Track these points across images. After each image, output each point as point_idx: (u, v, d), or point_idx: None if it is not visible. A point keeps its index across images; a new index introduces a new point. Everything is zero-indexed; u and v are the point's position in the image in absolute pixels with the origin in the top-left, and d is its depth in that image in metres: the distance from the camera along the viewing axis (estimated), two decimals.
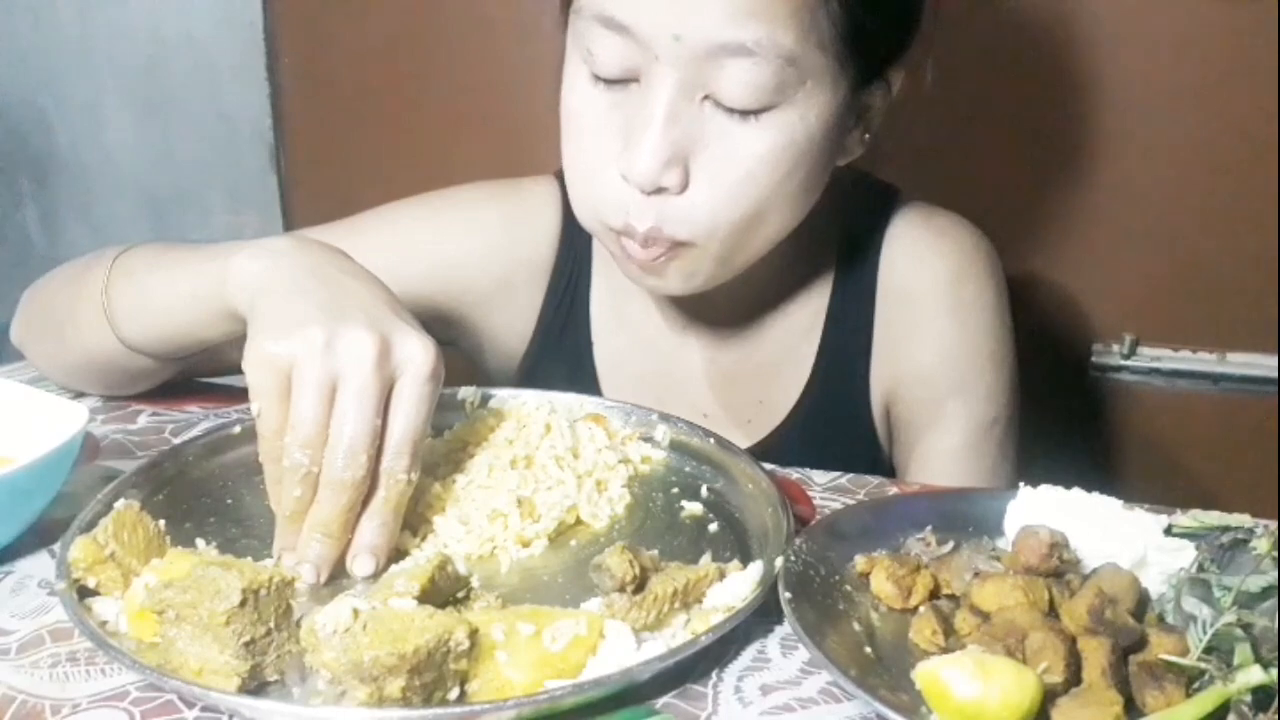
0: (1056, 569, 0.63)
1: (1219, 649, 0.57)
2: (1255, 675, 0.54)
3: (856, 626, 0.63)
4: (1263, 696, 0.54)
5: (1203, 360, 1.26)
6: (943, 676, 0.54)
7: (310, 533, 0.66)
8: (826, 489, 0.82)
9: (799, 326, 0.97)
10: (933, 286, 0.93)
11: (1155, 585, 0.65)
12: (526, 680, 0.57)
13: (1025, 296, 1.30)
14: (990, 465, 0.94)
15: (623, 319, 0.99)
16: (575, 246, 0.98)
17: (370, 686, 0.54)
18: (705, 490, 0.79)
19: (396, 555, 0.69)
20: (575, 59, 0.81)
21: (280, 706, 0.56)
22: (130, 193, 1.72)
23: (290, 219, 1.60)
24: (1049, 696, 0.55)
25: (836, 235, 0.95)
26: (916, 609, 0.64)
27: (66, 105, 1.70)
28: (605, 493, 0.78)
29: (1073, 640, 0.57)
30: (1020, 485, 0.71)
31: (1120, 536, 0.66)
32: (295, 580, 0.61)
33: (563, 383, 0.95)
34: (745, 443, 0.93)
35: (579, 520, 0.75)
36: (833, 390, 0.96)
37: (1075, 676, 0.56)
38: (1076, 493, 0.70)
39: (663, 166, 0.76)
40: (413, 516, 0.71)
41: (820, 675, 0.61)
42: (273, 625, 0.58)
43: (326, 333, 0.65)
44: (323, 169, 1.55)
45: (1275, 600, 0.59)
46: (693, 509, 0.77)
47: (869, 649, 0.61)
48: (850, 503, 0.79)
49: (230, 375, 0.95)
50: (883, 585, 0.65)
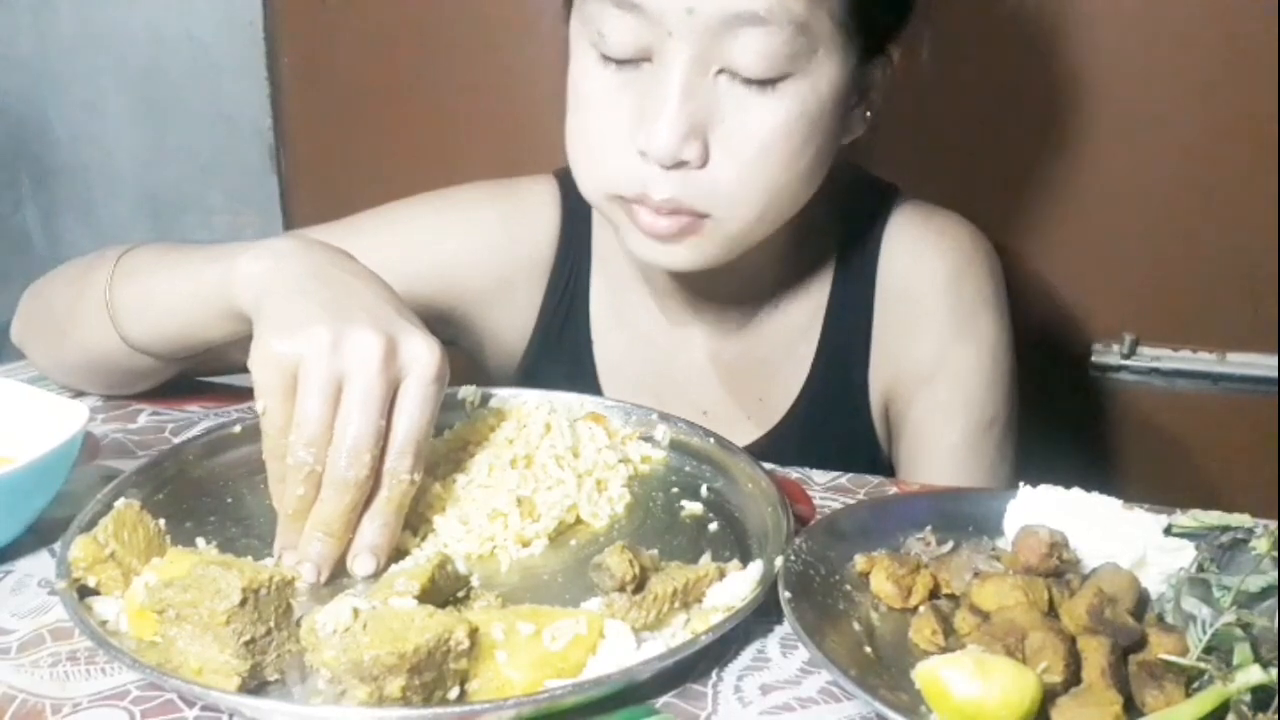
0: (1056, 569, 0.64)
1: (1218, 649, 0.57)
2: (1255, 675, 0.54)
3: (856, 626, 0.63)
4: (1262, 696, 0.54)
5: (1203, 360, 1.26)
6: (942, 676, 0.54)
7: (312, 531, 0.67)
8: (826, 489, 0.83)
9: (798, 323, 0.97)
10: (932, 285, 0.93)
11: (1155, 585, 0.65)
12: (526, 679, 0.57)
13: (1025, 296, 1.30)
14: (989, 464, 0.95)
15: (622, 317, 0.99)
16: (575, 245, 0.98)
17: (370, 686, 0.54)
18: (705, 490, 0.79)
19: (397, 554, 0.70)
20: (583, 43, 0.81)
21: (280, 706, 0.56)
22: (130, 192, 1.72)
23: (290, 219, 1.60)
24: (1049, 696, 0.55)
25: (835, 232, 0.96)
26: (916, 609, 0.64)
27: (67, 105, 1.70)
28: (605, 492, 0.78)
29: (1072, 640, 0.57)
30: (1020, 485, 0.71)
31: (1120, 536, 0.66)
32: (295, 579, 0.61)
33: (563, 381, 0.95)
34: (745, 440, 0.94)
35: (579, 520, 0.75)
36: (832, 387, 0.96)
37: (1075, 676, 0.56)
38: (1076, 492, 0.70)
39: (681, 140, 0.77)
40: (413, 516, 0.71)
41: (820, 675, 0.61)
42: (273, 624, 0.58)
43: (333, 333, 0.65)
44: (323, 169, 1.55)
45: (1275, 600, 0.59)
46: (693, 508, 0.77)
47: (869, 648, 0.61)
48: (850, 502, 0.79)
49: (230, 374, 0.95)
50: (882, 585, 0.65)
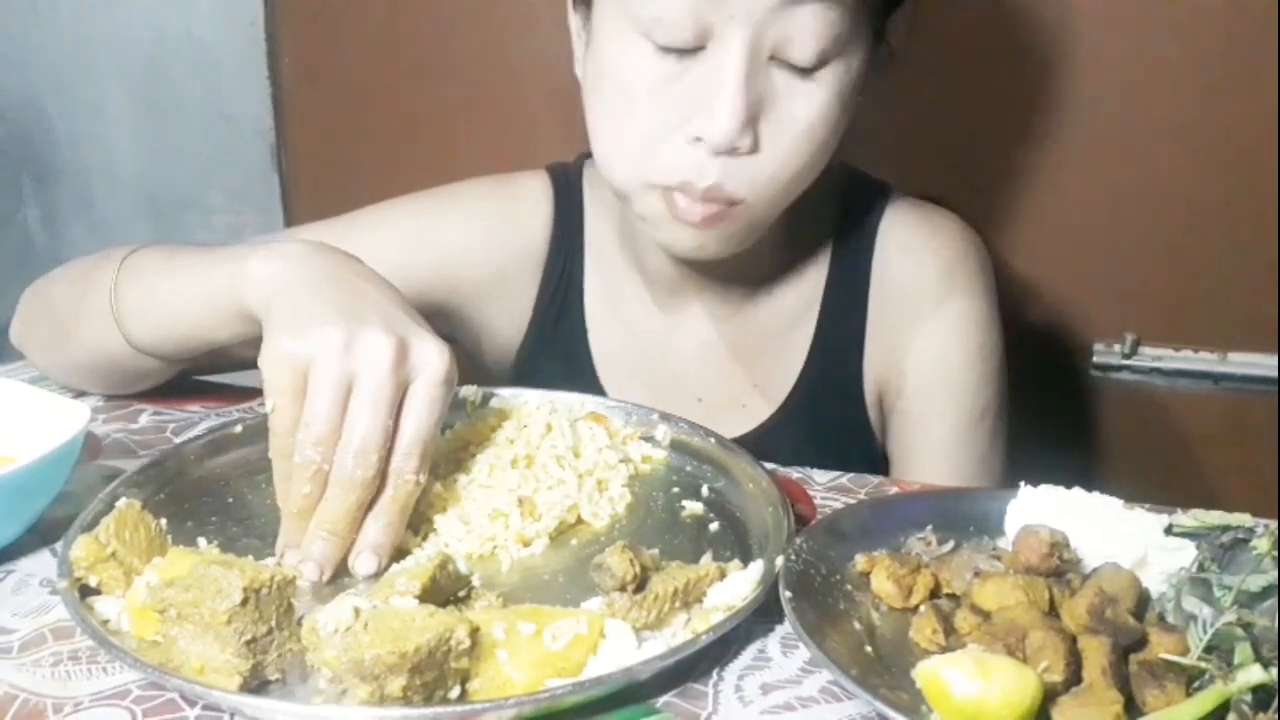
0: (1057, 568, 0.64)
1: (1219, 648, 0.57)
2: (1255, 674, 0.54)
3: (857, 626, 0.63)
4: (1263, 696, 0.54)
5: (1204, 360, 1.26)
6: (943, 675, 0.54)
7: (316, 530, 0.67)
8: (827, 488, 0.83)
9: (793, 311, 0.98)
10: (925, 281, 0.94)
11: (1156, 585, 0.65)
12: (527, 679, 0.57)
13: (1026, 296, 1.30)
14: (980, 455, 0.96)
15: (616, 307, 1.00)
16: (568, 237, 0.99)
17: (371, 685, 0.54)
18: (706, 489, 0.79)
19: (398, 554, 0.70)
20: (629, 34, 0.80)
21: (282, 705, 0.56)
22: (131, 192, 1.72)
23: (292, 219, 1.60)
24: (1049, 696, 0.55)
25: (830, 221, 0.97)
26: (917, 608, 0.64)
27: (67, 105, 1.70)
28: (606, 492, 0.78)
29: (1073, 639, 0.57)
30: (1021, 485, 0.72)
31: (1121, 536, 0.66)
32: (296, 579, 0.61)
33: (559, 372, 0.97)
34: (741, 428, 0.96)
35: (580, 519, 0.76)
36: (828, 376, 0.97)
37: (1075, 676, 0.56)
38: (1077, 492, 0.70)
39: (741, 127, 0.78)
40: (414, 516, 0.71)
41: (821, 674, 0.61)
42: (274, 624, 0.58)
43: (345, 334, 0.66)
44: (324, 168, 1.55)
45: (1275, 600, 0.59)
46: (693, 508, 0.77)
47: (869, 648, 0.61)
48: (851, 502, 0.79)
49: (230, 372, 0.95)
50: (883, 584, 0.65)
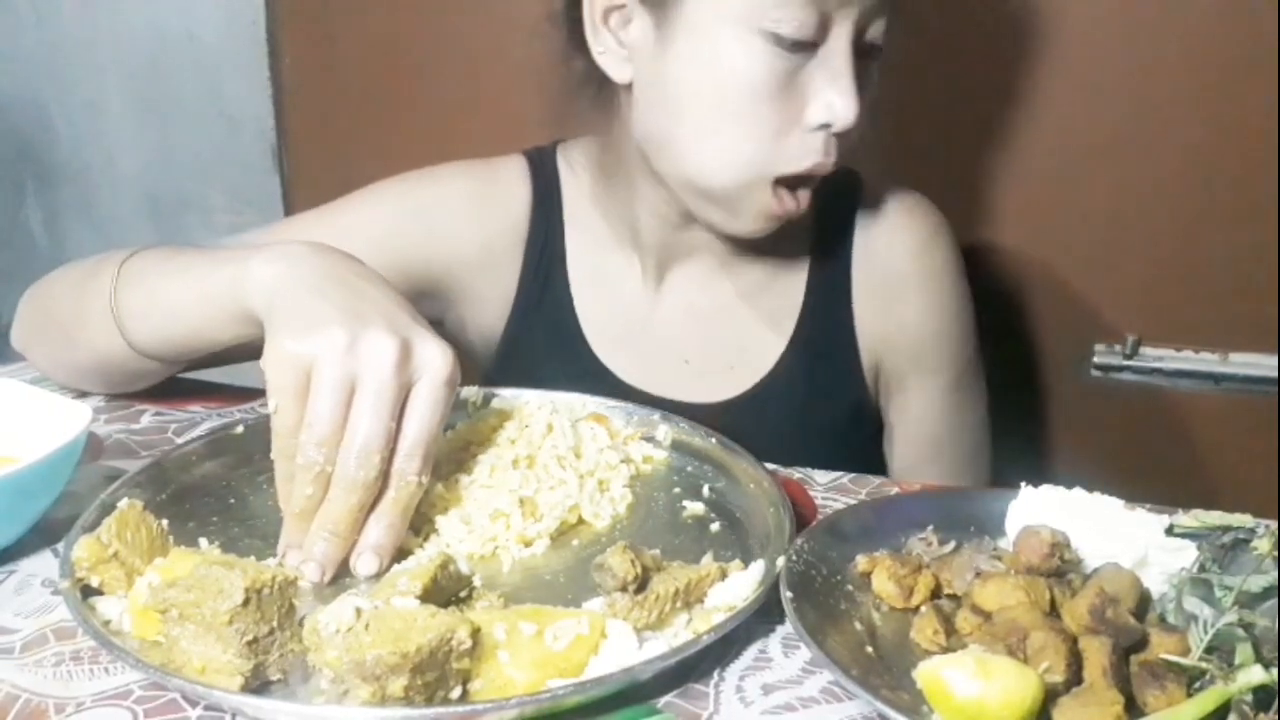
0: (1058, 569, 0.64)
1: (1220, 649, 0.57)
2: (1256, 675, 0.54)
3: (858, 626, 0.63)
4: (1263, 696, 0.54)
5: (1205, 360, 1.26)
6: (944, 676, 0.54)
7: (318, 531, 0.67)
8: (828, 488, 0.83)
9: (779, 276, 1.00)
10: (908, 257, 1.00)
11: (1156, 585, 0.65)
12: (528, 679, 0.57)
13: (1026, 296, 1.30)
14: (974, 396, 1.06)
15: (601, 276, 1.02)
16: (547, 213, 1.02)
17: (373, 685, 0.54)
18: (707, 490, 0.80)
19: (399, 555, 0.70)
20: (739, 34, 0.82)
21: (283, 705, 0.56)
22: (132, 192, 1.72)
23: None
24: (1050, 696, 0.55)
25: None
26: (918, 608, 0.64)
27: (69, 105, 1.70)
28: (607, 492, 0.78)
29: (1074, 640, 0.57)
30: (1021, 485, 0.72)
31: (1121, 536, 0.66)
32: (298, 579, 0.61)
33: (548, 342, 1.00)
34: (730, 390, 0.99)
35: (581, 520, 0.76)
36: (819, 342, 1.00)
37: (1076, 676, 0.56)
38: (1078, 492, 0.70)
39: (859, 110, 0.83)
40: (415, 516, 0.71)
41: (821, 675, 0.61)
42: (275, 624, 0.58)
43: (349, 334, 0.66)
44: (325, 169, 1.55)
45: (1276, 600, 0.59)
46: (694, 508, 0.77)
47: (870, 648, 0.61)
48: (851, 502, 0.79)
49: (227, 365, 0.94)
50: (884, 585, 0.65)
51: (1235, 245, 1.21)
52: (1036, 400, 1.34)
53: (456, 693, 0.57)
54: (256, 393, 0.95)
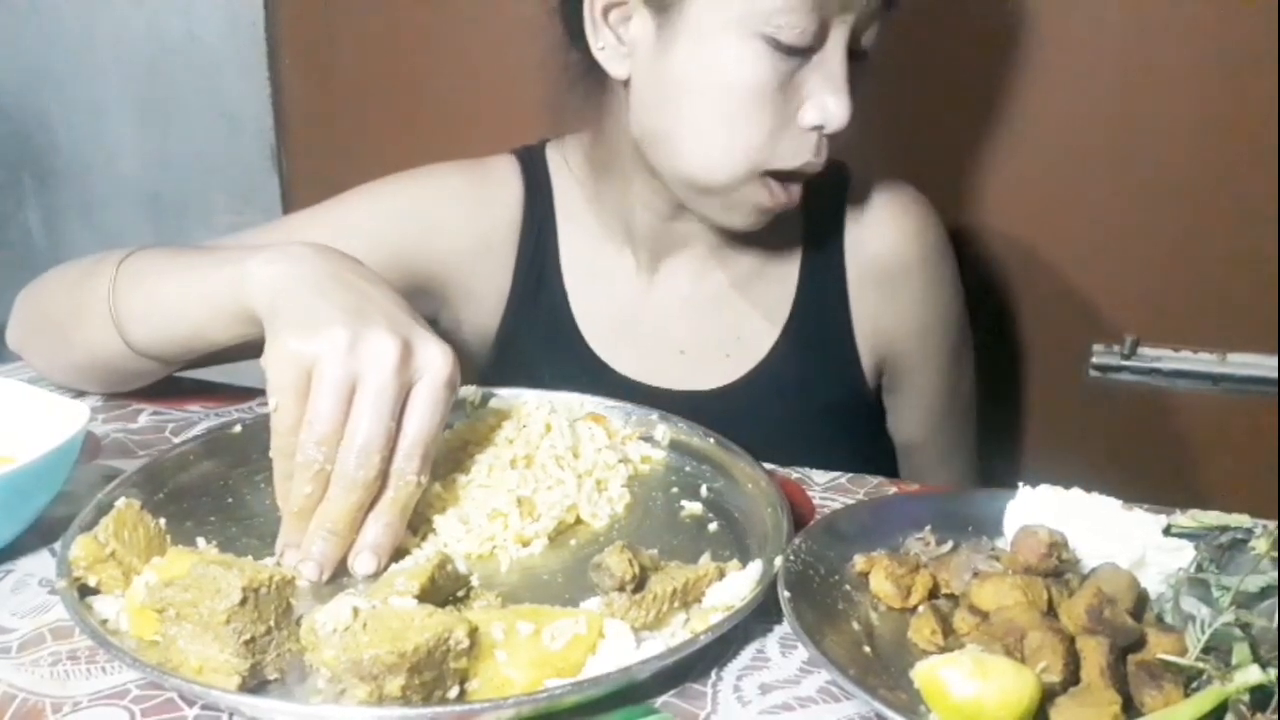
0: (1055, 569, 0.64)
1: (1217, 649, 0.57)
2: (1253, 675, 0.54)
3: (855, 626, 0.63)
4: (1261, 696, 0.54)
5: (1203, 360, 1.26)
6: (941, 676, 0.54)
7: (317, 530, 0.67)
8: (826, 488, 0.83)
9: (771, 264, 1.01)
10: (901, 249, 1.01)
11: (1154, 585, 0.65)
12: (526, 679, 0.57)
13: (1025, 296, 1.30)
14: (967, 364, 1.11)
15: (594, 266, 1.02)
16: (539, 209, 1.02)
17: (370, 685, 0.54)
18: (705, 490, 0.80)
19: (397, 554, 0.70)
20: (740, 36, 0.83)
21: (280, 705, 0.56)
22: (132, 192, 1.72)
23: None
24: (1048, 696, 0.55)
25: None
26: (915, 608, 0.64)
27: (68, 105, 1.70)
28: (605, 492, 0.78)
29: (1071, 640, 0.57)
30: (1019, 485, 0.72)
31: (1119, 536, 0.66)
32: (295, 579, 0.61)
33: (544, 335, 1.01)
34: (724, 378, 1.00)
35: (579, 519, 0.76)
36: (814, 330, 1.01)
37: (1074, 676, 0.56)
38: (1076, 492, 0.70)
39: (852, 110, 0.85)
40: (413, 516, 0.71)
41: (819, 674, 0.61)
42: (273, 623, 0.58)
43: (350, 334, 0.66)
44: (325, 169, 1.55)
45: (1274, 600, 0.59)
46: (692, 508, 0.77)
47: (868, 648, 0.61)
48: (849, 502, 0.79)
49: (225, 364, 0.94)
50: (882, 585, 0.65)
51: (1234, 245, 1.21)
52: (1035, 400, 1.34)
53: (454, 692, 0.56)
54: (254, 392, 0.95)
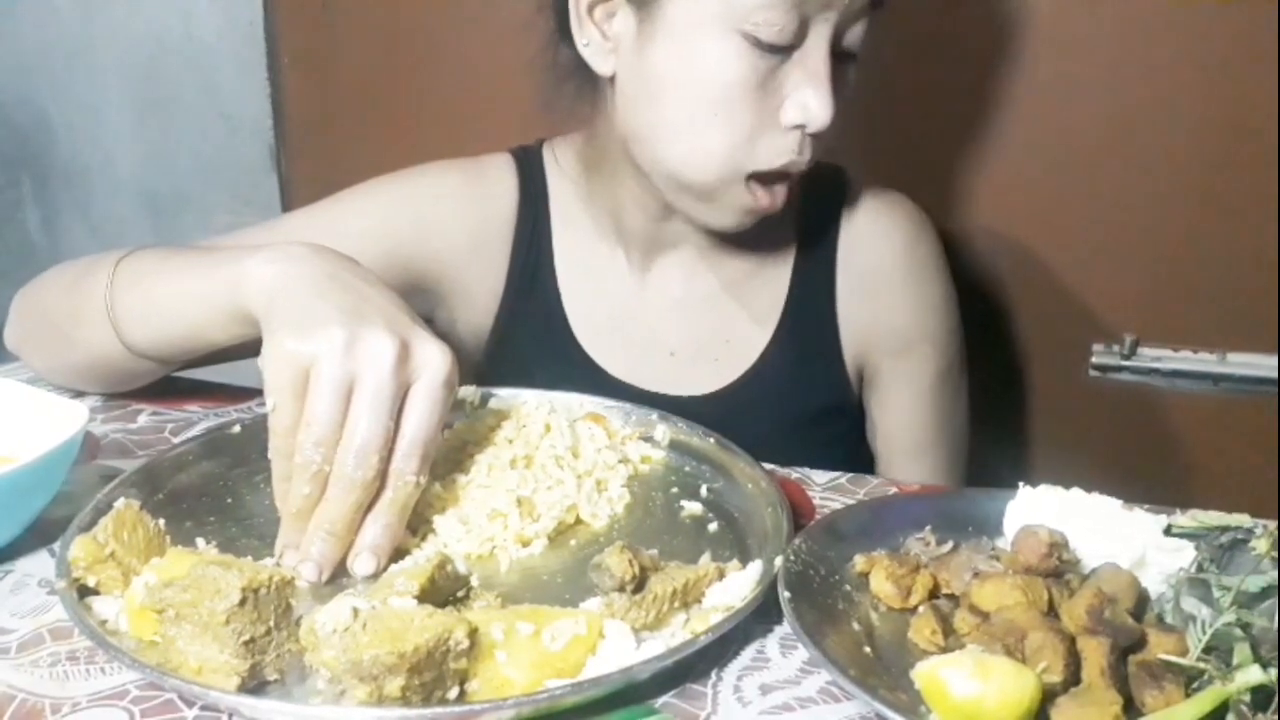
0: (1056, 569, 0.64)
1: (1218, 649, 0.57)
2: (1254, 675, 0.54)
3: (856, 626, 0.63)
4: (1262, 696, 0.54)
5: (1203, 360, 1.26)
6: (942, 676, 0.54)
7: (315, 530, 0.67)
8: (826, 488, 0.83)
9: (762, 268, 1.01)
10: (894, 258, 1.01)
11: (1155, 585, 0.65)
12: (526, 679, 0.57)
13: (1024, 296, 1.30)
14: (957, 398, 1.07)
15: (587, 270, 1.03)
16: (534, 208, 1.03)
17: (370, 685, 0.54)
18: (705, 490, 0.80)
19: (397, 554, 0.70)
20: (720, 34, 0.83)
21: (280, 705, 0.56)
22: (130, 192, 1.72)
23: None
24: (1048, 696, 0.55)
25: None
26: (916, 609, 0.64)
27: (67, 105, 1.70)
28: (605, 492, 0.78)
29: (1072, 640, 0.57)
30: (1020, 485, 0.72)
31: (1120, 536, 0.66)
32: (295, 579, 0.61)
33: (537, 334, 1.01)
34: (714, 383, 1.00)
35: (579, 520, 0.76)
36: (802, 337, 1.01)
37: (1074, 676, 0.56)
38: (1076, 492, 0.70)
39: (834, 111, 0.84)
40: (413, 516, 0.71)
41: (819, 675, 0.61)
42: (272, 624, 0.58)
43: (348, 334, 0.66)
44: (323, 168, 1.55)
45: (1274, 600, 0.59)
46: (692, 508, 0.77)
47: (868, 648, 0.61)
48: (849, 502, 0.79)
49: (223, 364, 0.94)
50: (882, 585, 0.65)
51: (1234, 245, 1.21)
52: (1034, 400, 1.34)
53: (454, 693, 0.56)
54: (253, 392, 0.95)
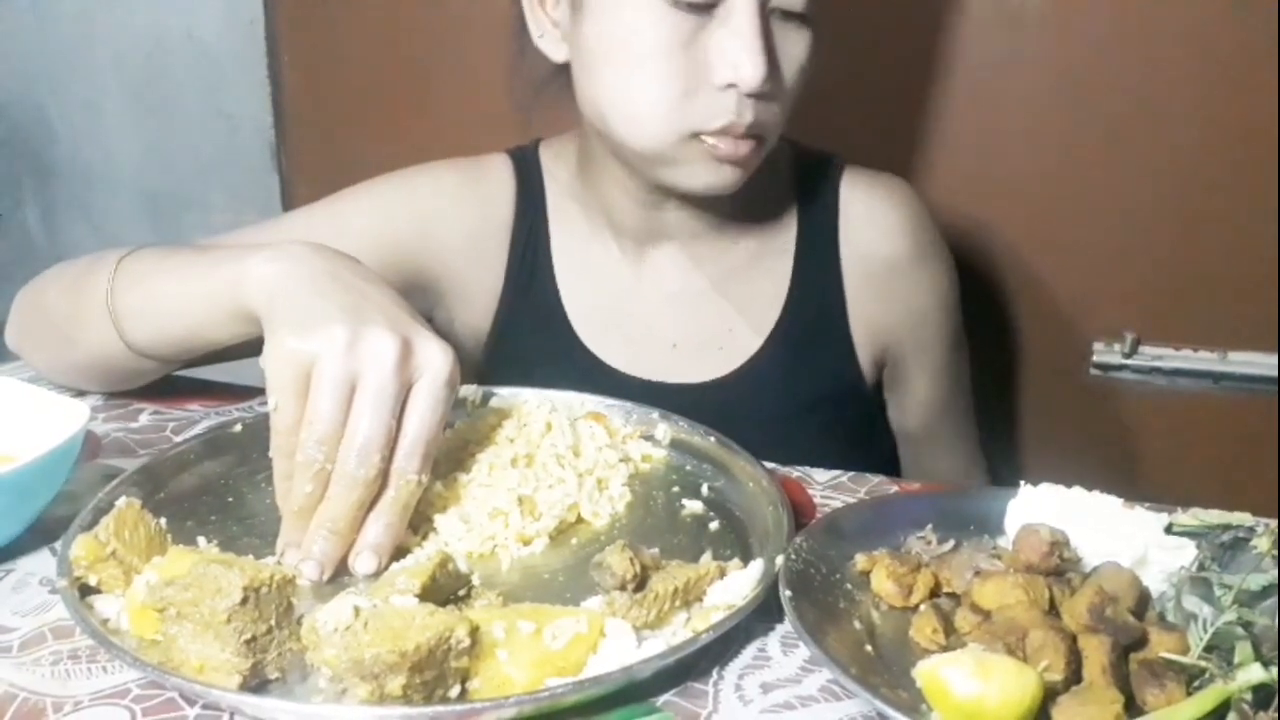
0: (1057, 567, 0.64)
1: (1219, 647, 0.57)
2: (1256, 674, 0.54)
3: (857, 625, 0.63)
4: (1263, 695, 0.54)
5: (1204, 359, 1.26)
6: (943, 675, 0.54)
7: (317, 529, 0.67)
8: (827, 487, 0.83)
9: (762, 256, 1.01)
10: (899, 241, 1.01)
11: (1156, 583, 0.65)
12: (527, 678, 0.57)
13: (1026, 295, 1.30)
14: (964, 355, 1.10)
15: (586, 261, 1.03)
16: (531, 205, 1.03)
17: (371, 684, 0.54)
18: (706, 488, 0.80)
19: (398, 553, 0.70)
20: (641, 4, 0.83)
21: (281, 704, 0.56)
22: (131, 191, 1.72)
23: None
24: (1049, 695, 0.55)
25: (793, 169, 1.02)
26: (917, 607, 0.64)
27: (67, 104, 1.70)
28: (606, 491, 0.78)
29: (1073, 638, 0.57)
30: (1021, 484, 0.72)
31: (1121, 535, 0.66)
32: (296, 578, 0.61)
33: (537, 330, 1.01)
34: (717, 372, 0.99)
35: (580, 518, 0.76)
36: (809, 325, 1.01)
37: (1076, 675, 0.56)
38: (1077, 491, 0.70)
39: (768, 72, 0.83)
40: (414, 515, 0.71)
41: (821, 673, 0.61)
42: (274, 623, 0.58)
43: (350, 332, 0.66)
44: (324, 168, 1.55)
45: (1276, 599, 0.59)
46: (693, 507, 0.77)
47: (869, 647, 0.61)
48: (850, 501, 0.79)
49: (224, 363, 0.94)
50: (883, 583, 0.65)
51: (1235, 244, 1.21)
52: (1036, 398, 1.34)
53: (455, 691, 0.56)
54: (254, 391, 0.95)
